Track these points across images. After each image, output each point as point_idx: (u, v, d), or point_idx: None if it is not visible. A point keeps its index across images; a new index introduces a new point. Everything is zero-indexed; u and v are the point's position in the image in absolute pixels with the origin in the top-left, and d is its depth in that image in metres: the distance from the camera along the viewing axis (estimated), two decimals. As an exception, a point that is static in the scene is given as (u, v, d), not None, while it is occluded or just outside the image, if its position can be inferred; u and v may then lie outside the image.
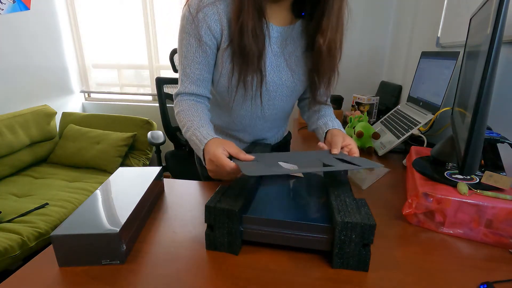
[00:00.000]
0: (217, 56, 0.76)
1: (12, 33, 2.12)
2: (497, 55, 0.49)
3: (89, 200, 0.61)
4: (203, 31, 0.70)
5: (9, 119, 1.97)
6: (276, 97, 0.83)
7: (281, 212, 0.56)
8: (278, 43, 0.78)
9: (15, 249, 1.33)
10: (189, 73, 0.76)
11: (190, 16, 0.70)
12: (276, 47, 0.78)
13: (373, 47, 2.08)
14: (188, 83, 0.77)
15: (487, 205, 0.57)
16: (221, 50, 0.74)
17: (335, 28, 0.71)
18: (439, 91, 1.10)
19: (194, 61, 0.74)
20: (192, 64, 0.74)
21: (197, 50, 0.73)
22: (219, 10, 0.70)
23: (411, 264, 0.53)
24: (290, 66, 0.80)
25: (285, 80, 0.81)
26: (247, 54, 0.70)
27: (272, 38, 0.76)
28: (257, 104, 0.82)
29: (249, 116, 0.86)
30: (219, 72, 0.77)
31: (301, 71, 0.82)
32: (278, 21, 0.76)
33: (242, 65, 0.72)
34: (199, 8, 0.69)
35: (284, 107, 0.88)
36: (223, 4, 0.70)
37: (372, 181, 0.86)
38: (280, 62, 0.79)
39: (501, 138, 0.66)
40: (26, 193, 1.77)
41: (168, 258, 0.54)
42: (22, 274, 0.50)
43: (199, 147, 0.70)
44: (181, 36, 0.73)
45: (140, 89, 2.81)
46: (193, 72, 0.75)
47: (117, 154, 2.14)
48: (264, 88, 0.78)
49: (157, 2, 2.46)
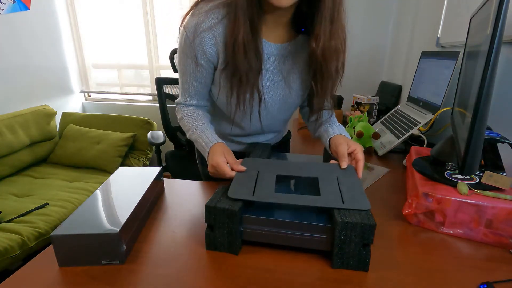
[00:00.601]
0: (215, 76, 0.78)
1: (12, 33, 2.12)
2: (497, 55, 0.49)
3: (89, 200, 0.61)
4: (199, 54, 0.72)
5: (9, 119, 1.97)
6: (274, 111, 0.84)
7: (281, 212, 0.56)
8: (277, 61, 0.77)
9: (15, 249, 1.33)
10: (187, 88, 0.80)
11: (188, 39, 0.70)
12: (274, 65, 0.77)
13: (373, 47, 2.08)
14: (187, 97, 0.82)
15: (487, 205, 0.57)
16: (218, 71, 0.75)
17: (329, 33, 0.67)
18: (439, 91, 1.10)
19: (192, 79, 0.77)
20: (190, 81, 0.78)
21: (194, 70, 0.75)
22: (216, 34, 0.69)
23: (411, 264, 0.53)
24: (288, 83, 0.79)
25: (282, 96, 0.81)
26: (243, 74, 0.70)
27: (270, 56, 0.75)
28: (256, 118, 0.83)
29: (248, 127, 0.87)
30: (218, 90, 0.78)
31: (300, 87, 0.81)
32: (276, 38, 0.74)
33: (240, 84, 0.72)
34: (196, 33, 0.69)
35: (283, 118, 0.90)
36: (221, 27, 0.69)
37: (372, 181, 0.86)
38: (278, 80, 0.78)
39: (501, 138, 0.66)
40: (26, 193, 1.77)
41: (168, 258, 0.54)
42: (22, 274, 0.50)
43: (205, 149, 0.76)
44: (180, 55, 0.75)
45: (140, 89, 2.81)
46: (191, 88, 0.80)
47: (117, 154, 2.14)
48: (263, 105, 0.79)
49: (157, 2, 2.46)
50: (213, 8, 0.69)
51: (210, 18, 0.68)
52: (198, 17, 0.68)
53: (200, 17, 0.68)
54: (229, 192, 0.56)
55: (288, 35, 0.75)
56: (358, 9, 2.00)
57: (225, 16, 0.68)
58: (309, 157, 0.89)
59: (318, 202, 0.54)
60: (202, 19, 0.68)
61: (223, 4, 0.69)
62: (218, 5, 0.69)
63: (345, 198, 0.54)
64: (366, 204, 0.53)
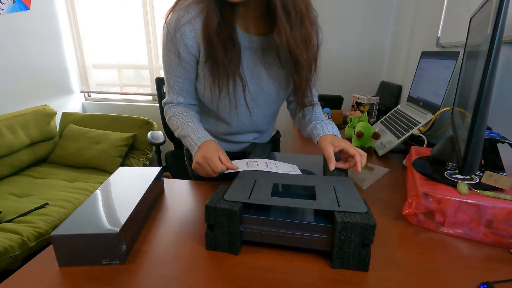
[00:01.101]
0: (198, 71, 0.79)
1: (12, 33, 2.12)
2: (497, 55, 0.49)
3: (89, 200, 0.61)
4: (181, 49, 0.74)
5: (9, 119, 1.97)
6: (259, 104, 0.85)
7: (281, 212, 0.56)
8: (258, 53, 0.78)
9: (15, 249, 1.33)
10: (173, 85, 0.81)
11: (169, 34, 0.73)
12: (255, 56, 0.78)
13: (373, 47, 2.08)
14: (173, 95, 0.82)
15: (487, 205, 0.57)
16: (200, 64, 0.77)
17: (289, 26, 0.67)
18: (439, 91, 1.10)
19: (176, 75, 0.79)
20: (175, 78, 0.79)
21: (178, 66, 0.77)
22: (195, 27, 0.71)
23: (411, 264, 0.53)
24: (272, 76, 0.80)
25: (267, 89, 0.82)
26: (223, 63, 0.72)
27: (249, 48, 0.77)
28: (243, 112, 0.84)
29: (236, 123, 0.88)
30: (203, 84, 0.79)
31: (284, 80, 0.82)
32: (254, 30, 0.75)
33: (221, 74, 0.74)
34: (177, 27, 0.71)
35: (269, 112, 0.90)
36: (199, 20, 0.71)
37: (372, 181, 0.86)
38: (260, 71, 0.79)
39: (501, 138, 0.66)
40: (26, 193, 1.77)
41: (168, 258, 0.54)
42: (22, 274, 0.50)
43: (196, 144, 0.75)
44: (164, 52, 0.77)
45: (140, 89, 2.81)
46: (176, 85, 0.81)
47: (117, 154, 2.14)
48: (248, 95, 0.80)
49: (157, 2, 2.46)
50: (192, 3, 0.71)
51: (189, 12, 0.71)
52: (178, 12, 0.71)
53: (180, 12, 0.71)
54: (225, 195, 0.56)
55: (268, 28, 0.76)
56: (358, 9, 2.00)
57: (203, 9, 0.71)
58: (309, 157, 0.89)
59: (313, 205, 0.54)
60: (182, 13, 0.71)
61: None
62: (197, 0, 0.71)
63: (341, 203, 0.54)
64: (363, 208, 0.52)
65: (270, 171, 0.70)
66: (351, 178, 0.88)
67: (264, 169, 0.70)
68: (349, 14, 2.02)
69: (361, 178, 0.88)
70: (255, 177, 0.66)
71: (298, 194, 0.64)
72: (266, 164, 0.74)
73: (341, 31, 2.04)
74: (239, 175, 0.67)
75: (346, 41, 2.07)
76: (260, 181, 0.64)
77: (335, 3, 2.00)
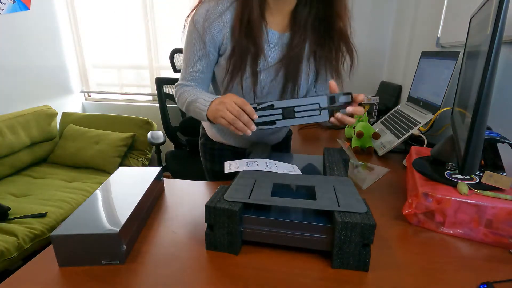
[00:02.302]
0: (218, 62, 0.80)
1: (12, 33, 2.12)
2: (497, 55, 0.49)
3: (89, 200, 0.61)
4: (207, 39, 0.75)
5: (10, 120, 1.97)
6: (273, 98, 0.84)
7: (281, 212, 0.56)
8: (278, 49, 0.79)
9: (11, 251, 1.33)
10: (192, 72, 0.81)
11: (198, 23, 0.74)
12: (276, 52, 0.79)
13: (373, 47, 2.08)
14: (189, 80, 0.83)
15: (487, 205, 0.57)
16: (222, 56, 0.78)
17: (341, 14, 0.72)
18: (439, 91, 1.10)
19: (198, 63, 0.80)
20: (195, 65, 0.80)
21: (201, 54, 0.78)
22: (224, 20, 0.74)
23: (411, 264, 0.53)
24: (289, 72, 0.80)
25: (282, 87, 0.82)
26: (243, 55, 0.73)
27: (272, 44, 0.78)
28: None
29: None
30: (221, 77, 0.80)
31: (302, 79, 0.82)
32: (278, 27, 0.77)
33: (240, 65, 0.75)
34: (207, 18, 0.73)
35: None
36: (229, 13, 0.73)
37: (372, 181, 0.86)
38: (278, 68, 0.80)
39: (501, 138, 0.66)
40: (24, 193, 1.77)
41: (168, 258, 0.54)
42: (22, 274, 0.50)
43: (208, 101, 0.72)
44: (188, 39, 0.78)
45: (140, 89, 2.81)
46: (195, 72, 0.81)
47: (116, 154, 2.14)
48: (259, 92, 0.81)
49: (157, 2, 2.46)
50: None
51: (220, 5, 0.73)
52: (209, 4, 0.73)
53: (210, 3, 0.73)
54: (225, 195, 0.56)
55: (290, 25, 0.78)
56: (358, 9, 2.00)
57: (234, 2, 0.72)
58: (310, 157, 0.89)
59: (313, 205, 0.54)
60: (212, 5, 0.73)
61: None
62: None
63: (341, 203, 0.54)
64: (363, 208, 0.52)
65: (270, 171, 0.70)
66: (351, 178, 0.88)
67: (264, 169, 0.70)
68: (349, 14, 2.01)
69: (361, 178, 0.88)
70: (255, 177, 0.66)
71: (298, 194, 0.64)
72: (266, 164, 0.74)
73: (341, 31, 2.04)
74: (239, 175, 0.67)
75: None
76: (260, 181, 0.64)
77: (335, 3, 2.00)
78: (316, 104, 0.69)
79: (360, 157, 1.09)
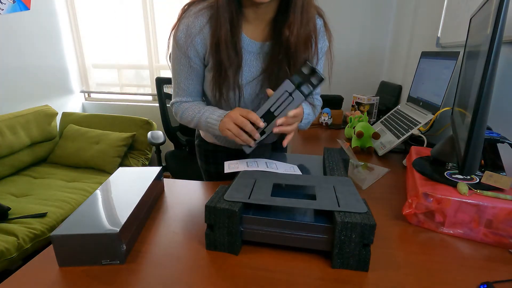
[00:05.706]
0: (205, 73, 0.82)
1: (12, 33, 2.12)
2: (497, 55, 0.49)
3: (89, 200, 0.61)
4: (191, 54, 0.77)
5: (11, 120, 1.97)
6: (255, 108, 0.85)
7: (281, 212, 0.56)
8: (260, 59, 0.79)
9: (11, 251, 1.33)
10: (183, 87, 0.83)
11: (181, 39, 0.76)
12: (256, 62, 0.80)
13: (373, 47, 2.08)
14: (183, 95, 0.84)
15: (487, 205, 0.57)
16: (207, 69, 0.80)
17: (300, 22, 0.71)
18: (439, 91, 1.10)
19: (187, 77, 0.82)
20: (185, 80, 0.82)
21: (189, 68, 0.80)
22: (205, 35, 0.75)
23: (411, 264, 0.53)
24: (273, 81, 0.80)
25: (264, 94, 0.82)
26: (225, 70, 0.75)
27: (251, 53, 0.79)
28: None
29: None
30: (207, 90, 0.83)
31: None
32: (258, 36, 0.78)
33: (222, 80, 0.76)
34: (188, 34, 0.75)
35: None
36: (208, 28, 0.74)
37: (372, 181, 0.86)
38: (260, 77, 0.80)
39: (501, 138, 0.66)
40: (24, 193, 1.77)
41: (168, 258, 0.54)
42: (22, 274, 0.50)
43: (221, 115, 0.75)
44: (174, 55, 0.80)
45: (140, 89, 2.81)
46: (187, 87, 0.83)
47: (116, 154, 2.13)
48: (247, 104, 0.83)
49: (157, 2, 2.46)
50: (202, 9, 0.74)
51: (199, 19, 0.74)
52: (188, 19, 0.75)
53: (189, 18, 0.75)
54: (225, 195, 0.56)
55: (271, 34, 0.78)
56: (358, 9, 2.00)
57: (212, 17, 0.73)
58: (309, 157, 0.89)
59: (313, 205, 0.54)
60: (192, 20, 0.74)
61: (209, 6, 0.74)
62: (206, 7, 0.74)
63: (341, 203, 0.54)
64: (363, 208, 0.52)
65: (270, 171, 0.70)
66: (351, 178, 0.88)
67: (264, 169, 0.70)
68: (349, 14, 2.02)
69: (361, 178, 0.88)
70: (255, 177, 0.66)
71: (298, 194, 0.64)
72: (266, 164, 0.74)
73: (341, 31, 2.04)
74: (239, 175, 0.67)
75: (346, 41, 2.07)
76: (260, 181, 0.64)
77: (335, 3, 2.00)
78: (285, 93, 0.70)
79: (360, 157, 1.09)
